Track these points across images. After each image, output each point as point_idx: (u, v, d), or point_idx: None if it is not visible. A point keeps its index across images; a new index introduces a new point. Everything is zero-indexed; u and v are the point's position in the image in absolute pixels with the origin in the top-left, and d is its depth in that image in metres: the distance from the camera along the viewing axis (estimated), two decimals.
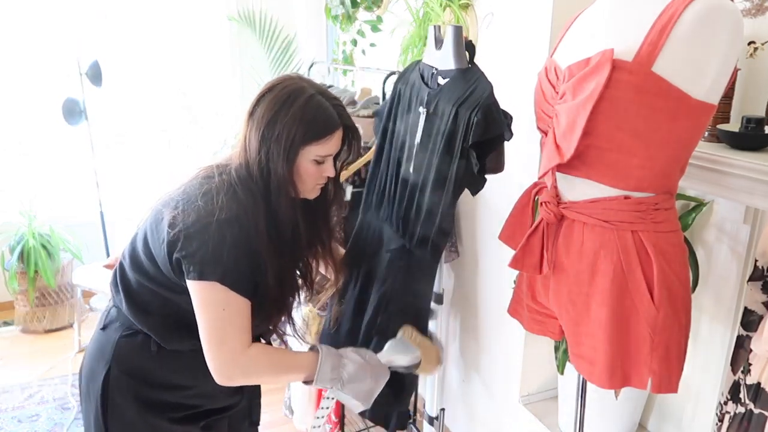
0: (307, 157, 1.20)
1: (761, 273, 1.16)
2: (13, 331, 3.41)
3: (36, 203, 3.37)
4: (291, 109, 1.16)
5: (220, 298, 1.13)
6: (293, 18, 3.68)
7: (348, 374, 1.23)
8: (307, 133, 1.17)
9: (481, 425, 2.25)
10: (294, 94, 1.17)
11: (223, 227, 1.12)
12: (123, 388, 1.25)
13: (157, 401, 1.28)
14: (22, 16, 3.35)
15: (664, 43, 0.97)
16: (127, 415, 1.26)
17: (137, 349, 1.25)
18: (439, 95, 1.48)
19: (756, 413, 1.12)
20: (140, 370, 1.26)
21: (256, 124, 1.18)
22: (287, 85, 1.19)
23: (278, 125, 1.16)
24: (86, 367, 1.31)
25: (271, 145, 1.17)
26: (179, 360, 1.27)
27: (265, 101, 1.18)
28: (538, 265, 1.23)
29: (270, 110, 1.17)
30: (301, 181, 1.23)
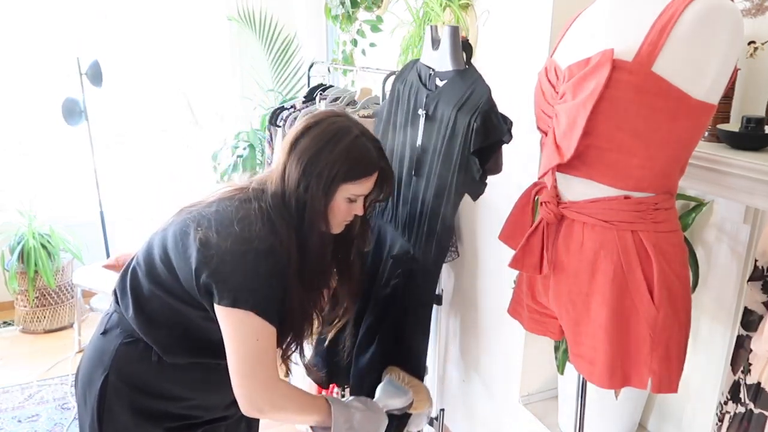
0: (343, 195, 1.22)
1: (761, 273, 1.16)
2: (13, 331, 3.42)
3: (36, 203, 3.37)
4: (336, 147, 1.18)
5: (254, 328, 1.13)
6: (293, 18, 3.68)
7: (358, 423, 1.26)
8: (348, 172, 1.19)
9: (481, 425, 2.25)
10: (341, 132, 1.20)
11: (260, 257, 1.13)
12: (120, 396, 1.24)
13: (154, 411, 1.27)
14: (22, 16, 3.35)
15: (664, 43, 0.97)
16: (123, 423, 1.26)
17: (137, 358, 1.24)
18: (438, 97, 1.48)
19: (756, 413, 1.12)
20: (139, 379, 1.25)
21: (299, 157, 1.19)
22: (334, 122, 1.21)
23: (322, 161, 1.18)
24: (83, 372, 1.30)
25: (311, 180, 1.18)
26: (179, 371, 1.26)
27: (311, 135, 1.20)
28: (538, 265, 1.23)
29: (315, 145, 1.19)
30: (332, 216, 1.24)
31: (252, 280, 1.13)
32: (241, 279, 1.12)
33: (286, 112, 2.41)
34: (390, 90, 1.66)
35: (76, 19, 3.43)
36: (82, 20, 3.44)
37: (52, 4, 3.37)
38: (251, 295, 1.12)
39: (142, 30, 3.57)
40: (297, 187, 1.19)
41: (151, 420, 1.27)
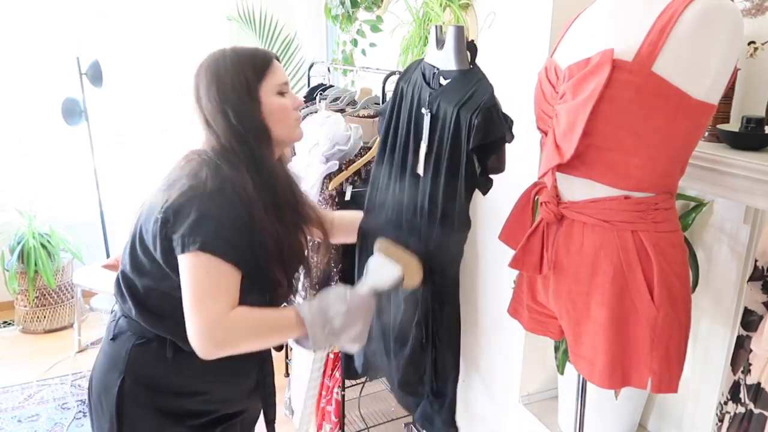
0: (271, 92, 1.22)
1: (761, 273, 1.16)
2: (13, 331, 3.42)
3: (36, 203, 3.37)
4: (226, 64, 1.20)
5: (201, 264, 1.11)
6: (293, 18, 3.68)
7: (339, 327, 1.20)
8: (254, 71, 1.20)
9: (481, 425, 2.25)
10: (220, 55, 1.22)
11: (209, 199, 1.12)
12: (139, 397, 1.23)
13: (174, 409, 1.26)
14: (22, 16, 3.35)
15: (664, 43, 0.97)
16: (144, 425, 1.25)
17: (152, 357, 1.24)
18: (441, 96, 1.48)
19: (756, 413, 1.12)
20: (156, 378, 1.24)
21: (207, 99, 1.19)
22: (208, 57, 1.23)
23: (226, 80, 1.18)
24: (97, 379, 1.29)
25: (231, 102, 1.18)
26: (194, 364, 1.21)
27: (201, 77, 1.21)
28: (538, 265, 1.23)
29: (210, 78, 1.20)
30: (278, 120, 1.23)
31: (200, 222, 1.11)
32: (191, 222, 1.11)
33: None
34: (394, 89, 1.66)
35: (76, 19, 3.43)
36: (82, 20, 3.44)
37: (52, 4, 3.37)
38: (198, 235, 1.10)
39: (142, 30, 3.57)
40: (226, 122, 1.18)
41: (172, 419, 1.26)
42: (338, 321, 1.19)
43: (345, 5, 2.59)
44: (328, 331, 1.19)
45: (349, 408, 2.49)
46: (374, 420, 2.57)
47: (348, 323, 1.20)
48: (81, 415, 2.65)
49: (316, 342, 1.19)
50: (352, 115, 2.19)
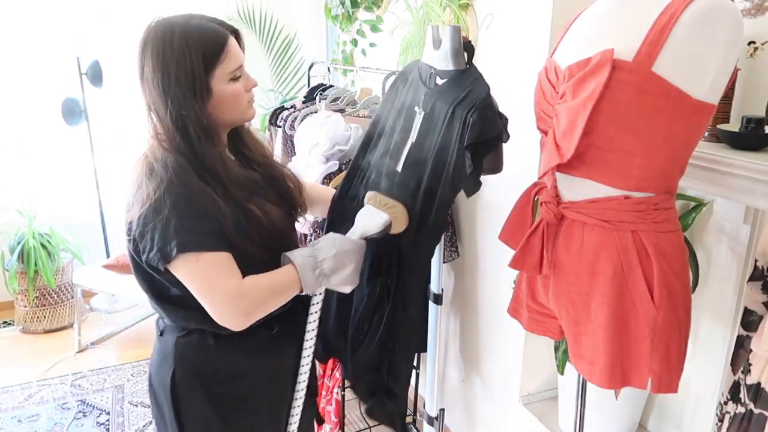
0: (223, 81, 1.15)
1: (761, 273, 1.16)
2: (13, 331, 3.42)
3: (36, 203, 3.37)
4: (174, 47, 1.10)
5: (188, 264, 1.12)
6: (293, 18, 3.68)
7: (329, 269, 1.24)
8: (204, 59, 1.11)
9: (481, 425, 2.25)
10: (168, 32, 1.11)
11: (157, 207, 1.10)
12: (191, 387, 1.27)
13: (225, 395, 1.29)
14: (22, 16, 3.35)
15: (664, 43, 0.97)
16: (199, 412, 1.28)
17: (196, 347, 1.27)
18: (436, 96, 1.48)
19: (756, 413, 1.12)
20: (203, 366, 1.27)
21: (151, 83, 1.12)
22: (156, 28, 1.13)
23: (171, 69, 1.10)
24: (154, 374, 1.33)
25: (173, 95, 1.10)
26: (235, 346, 1.27)
27: (147, 56, 1.12)
28: (538, 265, 1.23)
29: (157, 60, 1.10)
30: (230, 107, 1.18)
31: (164, 232, 1.10)
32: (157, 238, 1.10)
33: (287, 112, 2.41)
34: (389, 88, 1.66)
35: (76, 19, 3.43)
36: (82, 20, 3.44)
37: (52, 4, 3.37)
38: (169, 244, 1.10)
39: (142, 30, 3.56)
40: (167, 109, 1.11)
41: (225, 404, 1.29)
42: (328, 263, 1.24)
43: (345, 5, 2.59)
44: (319, 273, 1.23)
45: (349, 408, 2.49)
46: (374, 420, 2.57)
47: (338, 265, 1.25)
48: (81, 415, 2.65)
49: (307, 284, 1.23)
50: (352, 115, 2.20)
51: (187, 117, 1.12)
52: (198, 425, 1.29)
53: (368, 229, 1.36)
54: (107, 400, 2.77)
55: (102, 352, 3.19)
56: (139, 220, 1.11)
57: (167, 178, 1.12)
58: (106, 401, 2.76)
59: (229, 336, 1.22)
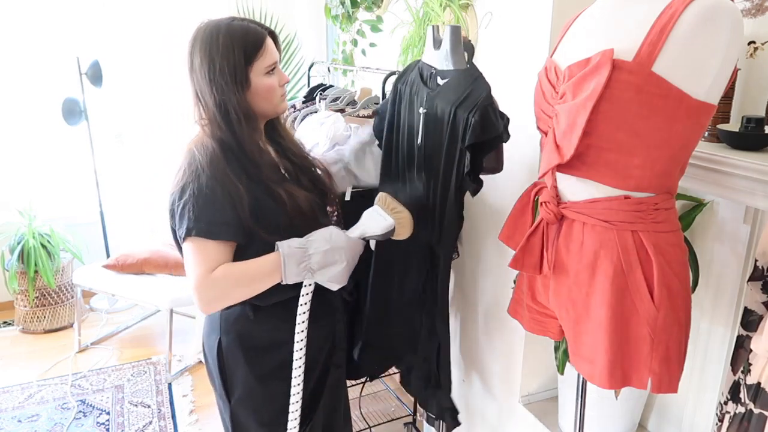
0: (260, 73, 1.30)
1: (761, 273, 1.16)
2: (13, 331, 3.42)
3: (36, 203, 3.37)
4: (220, 42, 1.27)
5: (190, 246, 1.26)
6: (293, 18, 3.68)
7: (316, 264, 1.30)
8: (245, 53, 1.27)
9: (481, 425, 2.25)
10: (215, 30, 1.28)
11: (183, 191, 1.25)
12: (235, 355, 1.39)
13: (263, 361, 1.40)
14: (22, 16, 3.35)
15: (664, 43, 0.97)
16: (242, 377, 1.40)
17: (237, 318, 1.38)
18: (438, 96, 1.48)
19: (756, 413, 1.12)
20: (245, 336, 1.38)
21: (199, 73, 1.28)
22: (204, 28, 1.30)
23: (217, 60, 1.26)
24: (205, 344, 1.46)
25: (218, 84, 1.26)
26: (273, 316, 1.38)
27: (196, 50, 1.28)
28: (538, 265, 1.23)
29: (205, 54, 1.27)
30: (264, 98, 1.32)
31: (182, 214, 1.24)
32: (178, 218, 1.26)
33: (287, 111, 2.41)
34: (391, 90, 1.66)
35: (76, 19, 3.43)
36: (82, 20, 3.44)
37: (52, 4, 3.37)
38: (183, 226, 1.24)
39: (142, 30, 3.56)
40: (212, 96, 1.27)
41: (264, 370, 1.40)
42: (316, 258, 1.30)
43: (345, 5, 2.59)
44: (304, 267, 1.30)
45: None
46: (374, 420, 2.57)
47: (327, 262, 1.31)
48: (81, 415, 2.65)
49: (288, 275, 1.28)
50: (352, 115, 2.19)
51: (229, 102, 1.27)
52: (241, 388, 1.41)
53: (370, 230, 1.37)
54: (107, 400, 2.77)
55: (102, 352, 3.19)
56: (171, 199, 1.27)
57: (201, 165, 1.25)
58: (106, 401, 2.76)
59: (267, 308, 1.36)
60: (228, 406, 1.42)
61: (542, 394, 1.97)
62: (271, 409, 1.43)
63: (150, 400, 2.78)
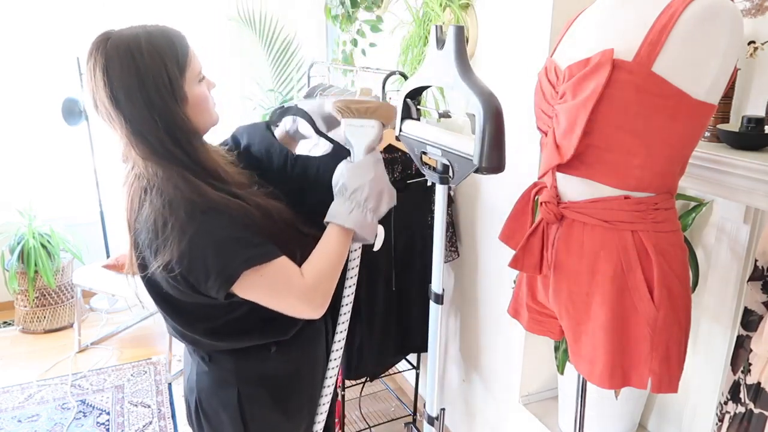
0: (192, 83, 1.10)
1: (761, 273, 1.16)
2: (13, 331, 3.42)
3: (36, 203, 3.37)
4: (144, 60, 1.03)
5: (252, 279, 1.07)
6: (293, 18, 3.68)
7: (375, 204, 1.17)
8: (177, 63, 1.07)
9: (481, 425, 2.25)
10: (133, 43, 1.04)
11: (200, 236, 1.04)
12: (260, 399, 1.25)
13: (287, 394, 1.28)
14: (22, 16, 3.35)
15: (664, 43, 0.97)
16: (268, 421, 1.26)
17: (257, 360, 1.23)
18: None
19: (756, 413, 1.12)
20: (268, 375, 1.25)
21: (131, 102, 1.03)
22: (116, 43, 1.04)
23: (148, 79, 1.03)
24: (206, 401, 1.26)
25: (157, 107, 1.05)
26: (297, 344, 1.26)
27: (114, 75, 1.03)
28: (538, 265, 1.23)
29: (129, 76, 1.03)
30: (203, 110, 1.13)
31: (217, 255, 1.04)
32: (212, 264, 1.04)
33: None
34: None
35: (76, 19, 3.43)
36: (82, 20, 3.44)
37: (52, 4, 3.37)
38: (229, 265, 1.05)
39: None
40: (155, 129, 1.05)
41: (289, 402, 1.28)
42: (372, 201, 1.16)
43: (345, 5, 2.59)
44: (371, 217, 1.17)
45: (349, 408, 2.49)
46: (374, 420, 2.57)
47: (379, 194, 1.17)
48: (81, 416, 2.65)
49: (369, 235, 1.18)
50: None
51: (175, 124, 1.07)
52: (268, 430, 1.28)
53: (370, 143, 1.20)
54: (107, 400, 2.77)
55: (102, 352, 3.19)
56: (183, 259, 1.03)
57: (192, 200, 1.05)
58: (106, 401, 2.76)
59: (288, 338, 1.23)
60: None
61: (542, 394, 1.97)
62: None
63: (150, 400, 2.78)
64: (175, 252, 1.03)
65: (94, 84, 1.05)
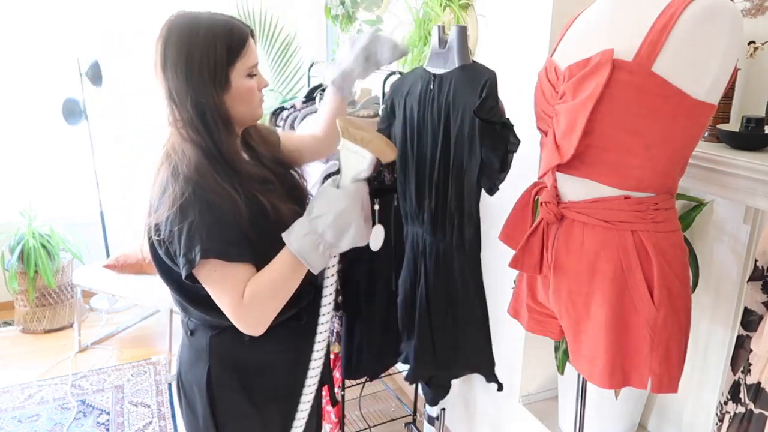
0: (241, 74, 1.18)
1: (761, 273, 1.16)
2: (13, 331, 3.42)
3: (36, 203, 3.37)
4: (200, 35, 1.13)
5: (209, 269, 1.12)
6: (293, 18, 3.68)
7: (333, 237, 1.14)
8: (227, 51, 1.15)
9: (481, 425, 2.25)
10: (194, 22, 1.15)
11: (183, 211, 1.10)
12: (227, 383, 1.28)
13: (259, 386, 1.31)
14: (23, 16, 3.35)
15: (664, 43, 0.97)
16: (236, 406, 1.30)
17: (230, 343, 1.27)
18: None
19: (756, 413, 1.12)
20: (239, 361, 1.28)
21: (174, 69, 1.13)
22: (182, 20, 1.17)
23: (195, 56, 1.12)
24: (185, 373, 1.33)
25: (195, 83, 1.13)
26: (268, 338, 1.24)
27: (171, 44, 1.14)
28: (538, 265, 1.23)
29: (181, 47, 1.13)
30: (244, 102, 1.20)
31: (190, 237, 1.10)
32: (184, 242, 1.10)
33: (286, 112, 2.41)
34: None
35: (76, 19, 3.43)
36: (82, 20, 3.44)
37: (52, 4, 3.37)
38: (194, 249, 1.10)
39: (142, 30, 3.56)
40: (188, 96, 1.14)
41: (260, 395, 1.31)
42: (330, 233, 1.14)
43: (345, 5, 2.59)
44: (324, 248, 1.15)
45: (349, 408, 2.49)
46: (374, 420, 2.57)
47: (341, 228, 1.14)
48: (81, 416, 2.65)
49: (315, 265, 1.15)
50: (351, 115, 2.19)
51: (206, 103, 1.15)
52: (234, 420, 1.30)
53: (357, 173, 1.18)
54: (107, 400, 2.77)
55: (102, 352, 3.19)
56: (167, 223, 1.11)
57: (192, 178, 1.12)
58: (106, 401, 2.76)
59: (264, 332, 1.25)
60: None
61: (542, 394, 1.97)
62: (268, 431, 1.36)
63: (150, 400, 2.78)
64: (162, 218, 1.11)
65: (155, 49, 1.17)
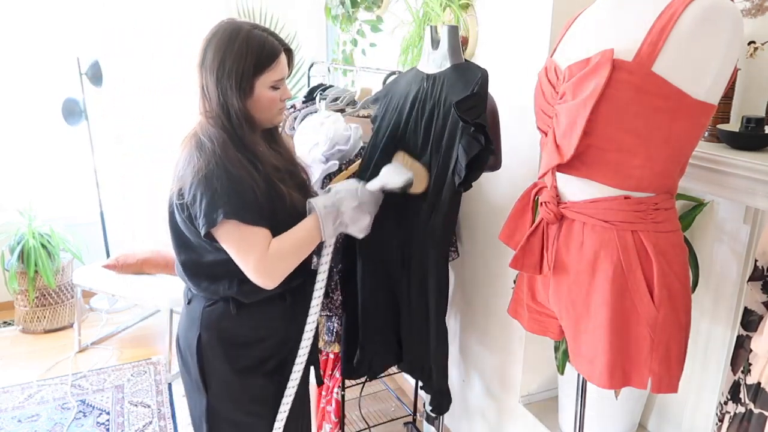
0: (265, 86, 1.34)
1: (761, 273, 1.16)
2: (13, 331, 3.42)
3: (36, 203, 3.37)
4: (236, 46, 1.30)
5: (230, 230, 1.29)
6: (293, 18, 3.68)
7: (349, 219, 1.39)
8: (256, 63, 1.31)
9: (481, 425, 2.25)
10: (234, 32, 1.32)
11: (208, 178, 1.27)
12: (214, 350, 1.43)
13: (243, 357, 1.45)
14: (23, 16, 3.35)
15: (664, 43, 0.97)
16: (222, 374, 1.44)
17: (220, 315, 1.42)
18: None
19: (756, 413, 1.12)
20: (226, 331, 1.43)
21: (209, 69, 1.31)
22: (226, 27, 1.33)
23: (227, 63, 1.30)
24: (182, 337, 1.49)
25: (223, 85, 1.31)
26: (256, 314, 1.44)
27: (211, 46, 1.32)
28: (538, 265, 1.23)
29: (218, 52, 1.31)
30: (264, 109, 1.37)
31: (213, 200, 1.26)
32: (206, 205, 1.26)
33: (286, 111, 2.41)
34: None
35: (76, 19, 3.43)
36: (82, 20, 3.44)
37: (52, 4, 3.37)
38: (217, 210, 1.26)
39: (142, 30, 3.57)
40: (217, 96, 1.31)
41: (244, 365, 1.45)
42: (348, 215, 1.39)
43: (345, 5, 2.59)
44: (339, 224, 1.39)
45: (349, 408, 2.49)
46: (374, 420, 2.57)
47: (357, 217, 1.40)
48: (81, 416, 2.65)
49: (327, 234, 1.37)
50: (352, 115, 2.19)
51: (231, 105, 1.32)
52: (219, 383, 1.45)
53: (389, 184, 1.45)
54: (107, 400, 2.77)
55: (102, 352, 3.19)
56: (191, 189, 1.27)
57: (215, 151, 1.28)
58: (106, 401, 2.76)
59: (249, 305, 1.42)
60: (204, 398, 1.46)
61: (542, 394, 1.97)
62: (247, 399, 1.49)
63: (150, 400, 2.78)
64: (186, 183, 1.28)
65: (199, 46, 1.34)
